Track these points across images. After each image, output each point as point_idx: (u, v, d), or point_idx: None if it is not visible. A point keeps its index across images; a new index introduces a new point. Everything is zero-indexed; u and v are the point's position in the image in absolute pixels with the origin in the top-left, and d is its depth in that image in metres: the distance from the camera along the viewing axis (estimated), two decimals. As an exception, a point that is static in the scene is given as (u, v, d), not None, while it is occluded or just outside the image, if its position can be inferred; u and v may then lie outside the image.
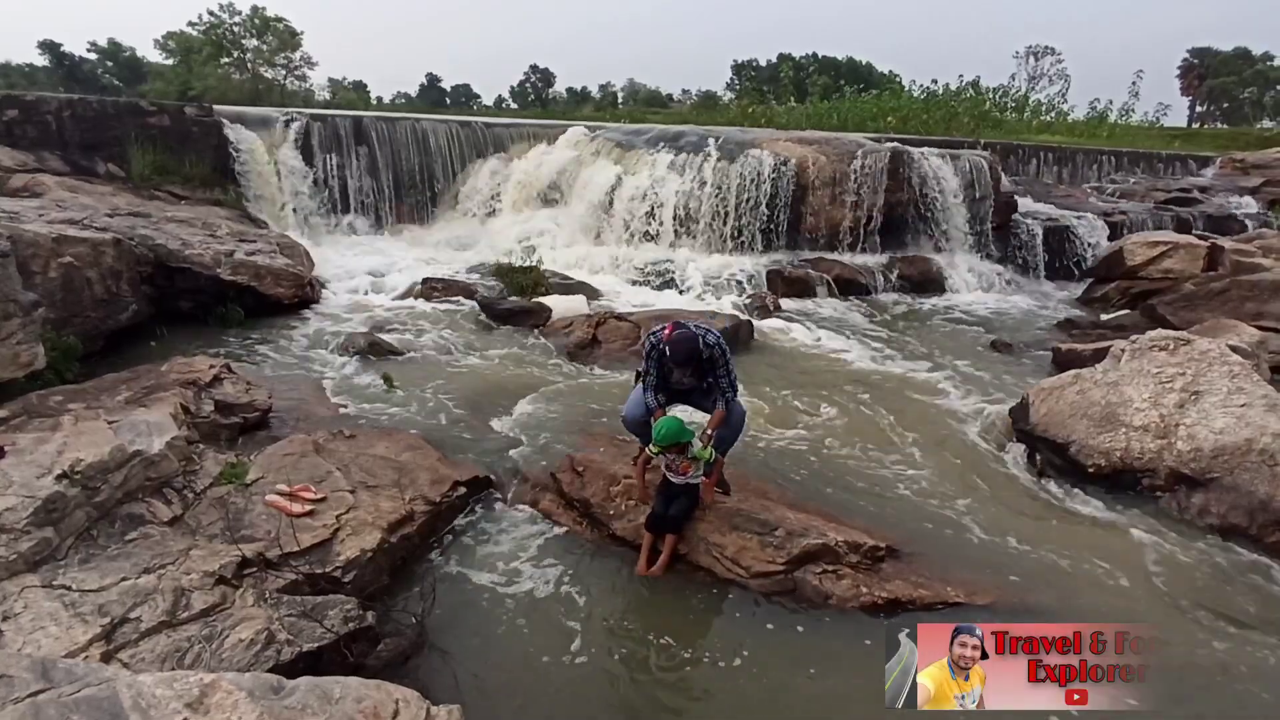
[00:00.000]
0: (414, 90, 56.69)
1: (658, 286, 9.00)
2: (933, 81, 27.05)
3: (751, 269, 9.19)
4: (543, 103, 51.37)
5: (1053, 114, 22.85)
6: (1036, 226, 10.76)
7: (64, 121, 9.17)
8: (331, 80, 46.56)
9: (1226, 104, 44.74)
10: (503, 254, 9.03)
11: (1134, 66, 42.65)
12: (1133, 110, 24.55)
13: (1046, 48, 35.47)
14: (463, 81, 65.96)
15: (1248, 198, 13.42)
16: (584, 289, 8.39)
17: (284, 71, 37.05)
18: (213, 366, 4.33)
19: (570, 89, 55.72)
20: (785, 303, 8.54)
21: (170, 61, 36.63)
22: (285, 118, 10.41)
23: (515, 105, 52.45)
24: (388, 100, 50.38)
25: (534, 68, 56.23)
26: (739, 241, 9.76)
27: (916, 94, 22.26)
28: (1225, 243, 9.08)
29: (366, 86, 48.76)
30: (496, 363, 6.01)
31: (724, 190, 9.80)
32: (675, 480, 3.32)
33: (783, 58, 42.07)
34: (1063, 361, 6.15)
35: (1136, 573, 3.37)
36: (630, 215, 10.03)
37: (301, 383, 5.16)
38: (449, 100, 53.96)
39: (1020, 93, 24.43)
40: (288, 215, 9.93)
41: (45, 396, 3.59)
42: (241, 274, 6.69)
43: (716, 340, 3.36)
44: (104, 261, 5.46)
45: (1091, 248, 10.66)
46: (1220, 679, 2.74)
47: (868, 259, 9.83)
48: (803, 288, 9.02)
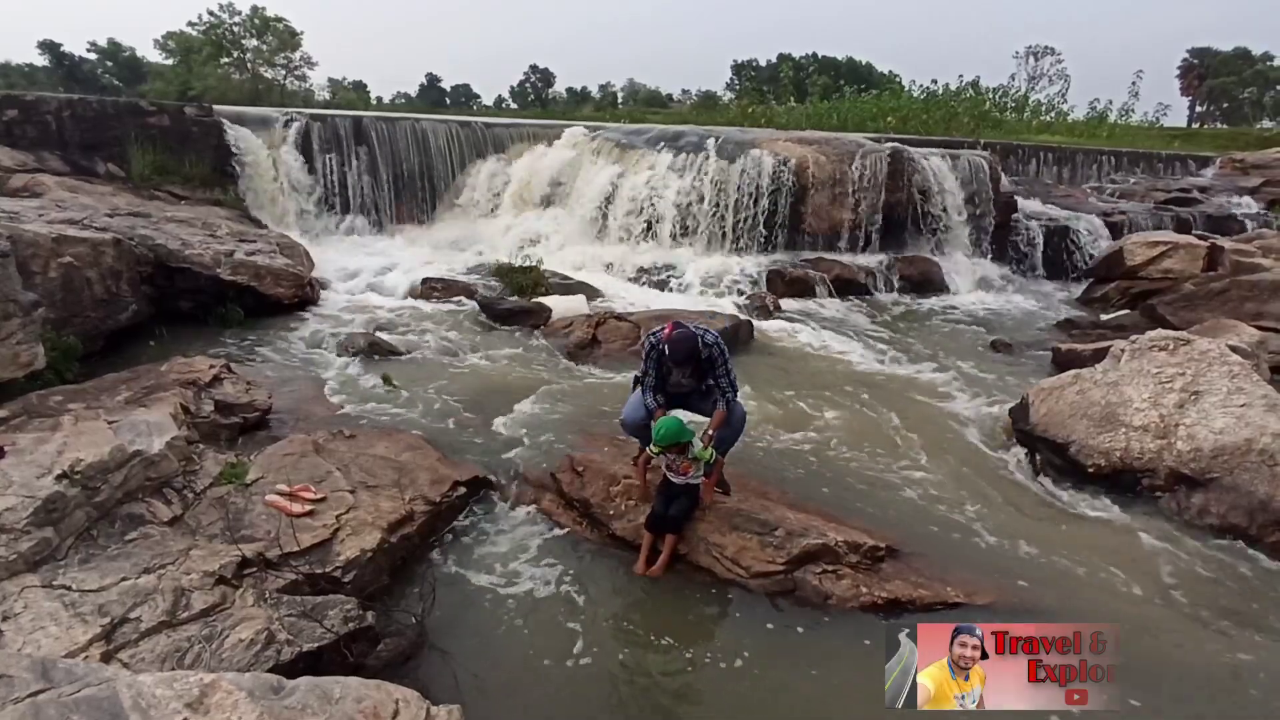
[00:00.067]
0: (414, 90, 56.87)
1: (658, 286, 9.00)
2: (933, 81, 27.11)
3: (751, 269, 9.18)
4: (542, 103, 51.40)
5: (1053, 114, 22.85)
6: (1036, 226, 10.78)
7: (64, 121, 9.17)
8: (331, 80, 46.69)
9: (1226, 104, 44.77)
10: (503, 254, 9.03)
11: (1134, 66, 42.67)
12: (1132, 110, 24.62)
13: (1046, 48, 35.56)
14: (463, 81, 66.18)
15: (1247, 198, 13.43)
16: (584, 289, 8.38)
17: (284, 71, 37.12)
18: (213, 366, 4.33)
19: (570, 89, 55.84)
20: (785, 303, 8.53)
21: (170, 61, 36.71)
22: (285, 118, 10.40)
23: (515, 105, 52.51)
24: (387, 100, 50.49)
25: (534, 68, 56.39)
26: (739, 242, 9.76)
27: (916, 94, 22.30)
28: (1225, 243, 9.08)
29: (366, 86, 48.92)
30: (496, 363, 6.01)
31: (724, 190, 9.79)
32: (675, 480, 3.32)
33: (783, 58, 42.12)
34: (1062, 361, 6.15)
35: (1137, 573, 3.37)
36: (630, 215, 10.03)
37: (301, 383, 5.16)
38: (449, 100, 54.01)
39: (1020, 93, 24.47)
40: (287, 215, 9.92)
41: (45, 396, 3.59)
42: (241, 274, 6.69)
43: (715, 340, 3.37)
44: (104, 261, 5.46)
45: (1091, 248, 10.67)
46: (1220, 679, 2.74)
47: (868, 259, 9.82)
48: (803, 288, 9.01)
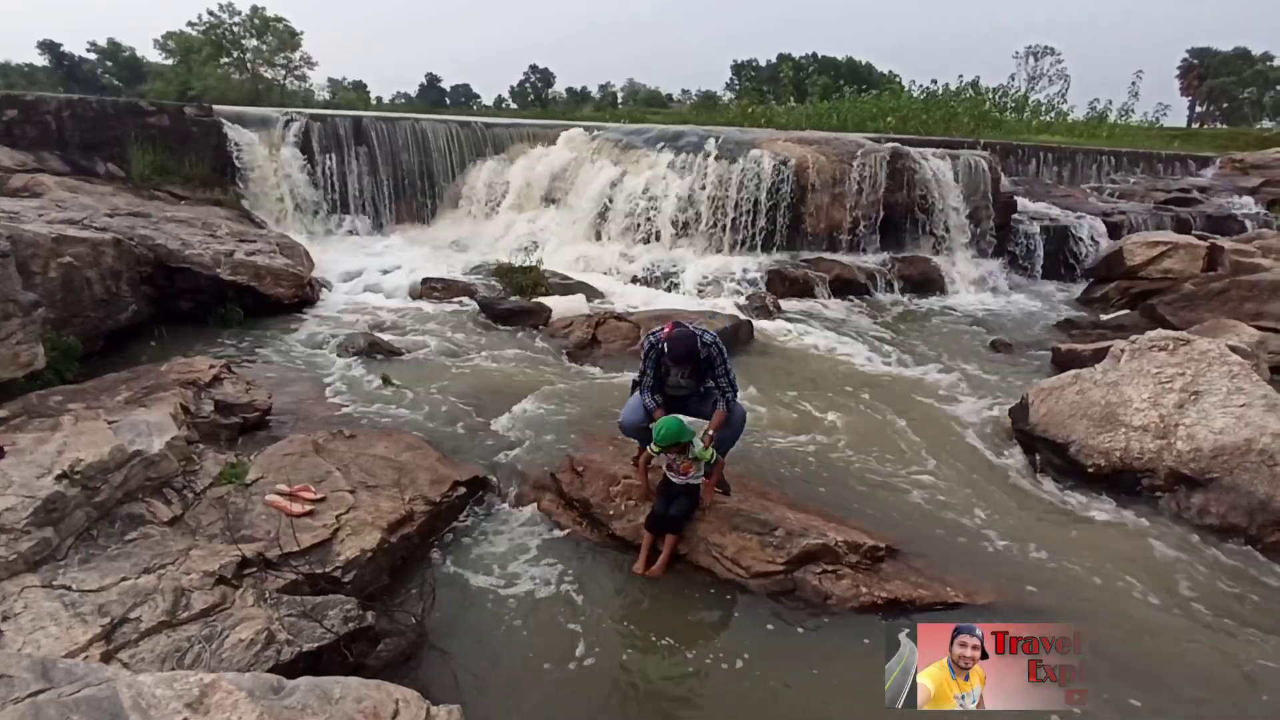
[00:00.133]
0: (414, 90, 56.90)
1: (657, 286, 9.00)
2: (932, 81, 27.07)
3: (751, 269, 9.17)
4: (542, 103, 51.41)
5: (1052, 114, 22.85)
6: (1036, 227, 10.78)
7: (64, 121, 9.17)
8: (331, 80, 46.74)
9: (1226, 104, 44.80)
10: (503, 254, 9.03)
11: (1134, 66, 42.57)
12: (1132, 110, 24.61)
13: (1046, 48, 35.64)
14: (462, 81, 66.21)
15: (1247, 198, 13.44)
16: (584, 289, 8.38)
17: (284, 71, 37.14)
18: (213, 366, 4.33)
19: (570, 89, 55.87)
20: (785, 303, 8.53)
21: (170, 61, 36.75)
22: (285, 118, 10.41)
23: (515, 105, 52.53)
24: (387, 100, 50.51)
25: (534, 68, 56.44)
26: (738, 242, 9.75)
27: (916, 94, 22.28)
28: (1225, 243, 9.08)
29: (366, 86, 48.96)
30: (496, 363, 6.01)
31: (724, 190, 9.79)
32: (676, 480, 3.33)
33: (782, 58, 42.14)
34: (1062, 362, 6.15)
35: (1137, 573, 3.37)
36: (630, 215, 10.03)
37: (301, 383, 5.16)
38: (449, 100, 54.03)
39: (1020, 93, 24.43)
40: (287, 215, 9.93)
41: (45, 396, 3.59)
42: (241, 274, 6.69)
43: (714, 340, 3.41)
44: (104, 261, 5.46)
45: (1091, 248, 10.67)
46: (1220, 678, 2.74)
47: (867, 259, 9.82)
48: (802, 288, 9.01)
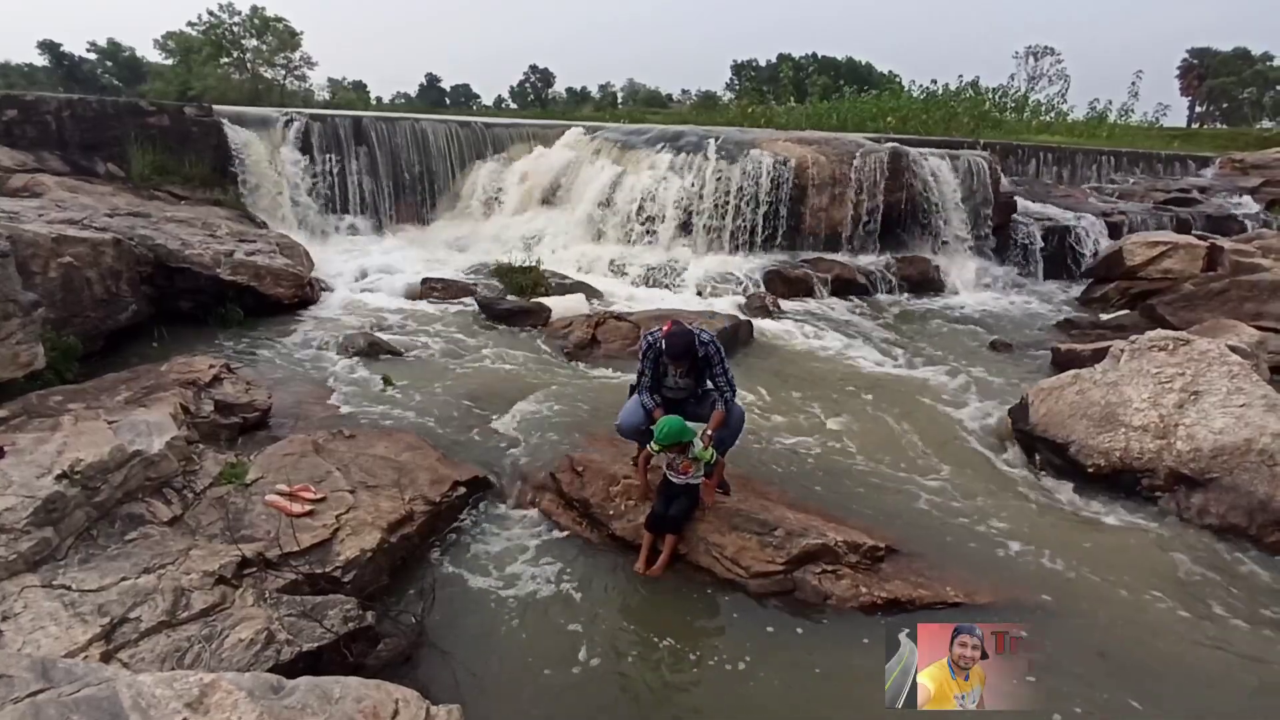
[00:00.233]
0: (414, 90, 56.91)
1: (657, 287, 8.99)
2: (932, 81, 27.06)
3: (751, 269, 9.17)
4: (542, 103, 51.41)
5: (1052, 114, 22.81)
6: (1036, 227, 10.78)
7: (64, 121, 9.16)
8: (331, 80, 46.73)
9: (1226, 104, 44.79)
10: (502, 254, 9.03)
11: (1134, 66, 42.52)
12: (1132, 110, 24.57)
13: (1046, 48, 35.64)
14: (462, 81, 66.23)
15: (1247, 198, 13.45)
16: (583, 289, 8.38)
17: (284, 71, 37.14)
18: (213, 366, 4.33)
19: (570, 89, 55.86)
20: (785, 303, 8.53)
21: (170, 61, 36.75)
22: (285, 118, 10.39)
23: (515, 105, 52.53)
24: (387, 100, 50.50)
25: (534, 68, 56.44)
26: (738, 242, 9.76)
27: (916, 94, 22.26)
28: (1225, 243, 9.08)
29: (366, 86, 48.95)
30: (496, 363, 6.01)
31: (723, 190, 9.79)
32: (675, 480, 3.33)
33: (782, 58, 42.12)
34: (1062, 362, 6.15)
35: (1137, 573, 3.37)
36: (630, 215, 10.03)
37: (301, 383, 5.16)
38: (449, 100, 54.03)
39: (1020, 93, 24.38)
40: (287, 215, 9.91)
41: (45, 396, 3.59)
42: (241, 274, 6.69)
43: (711, 339, 3.45)
44: (104, 261, 5.46)
45: (1091, 248, 10.67)
46: (1220, 678, 2.74)
47: (867, 259, 9.82)
48: (802, 288, 9.02)
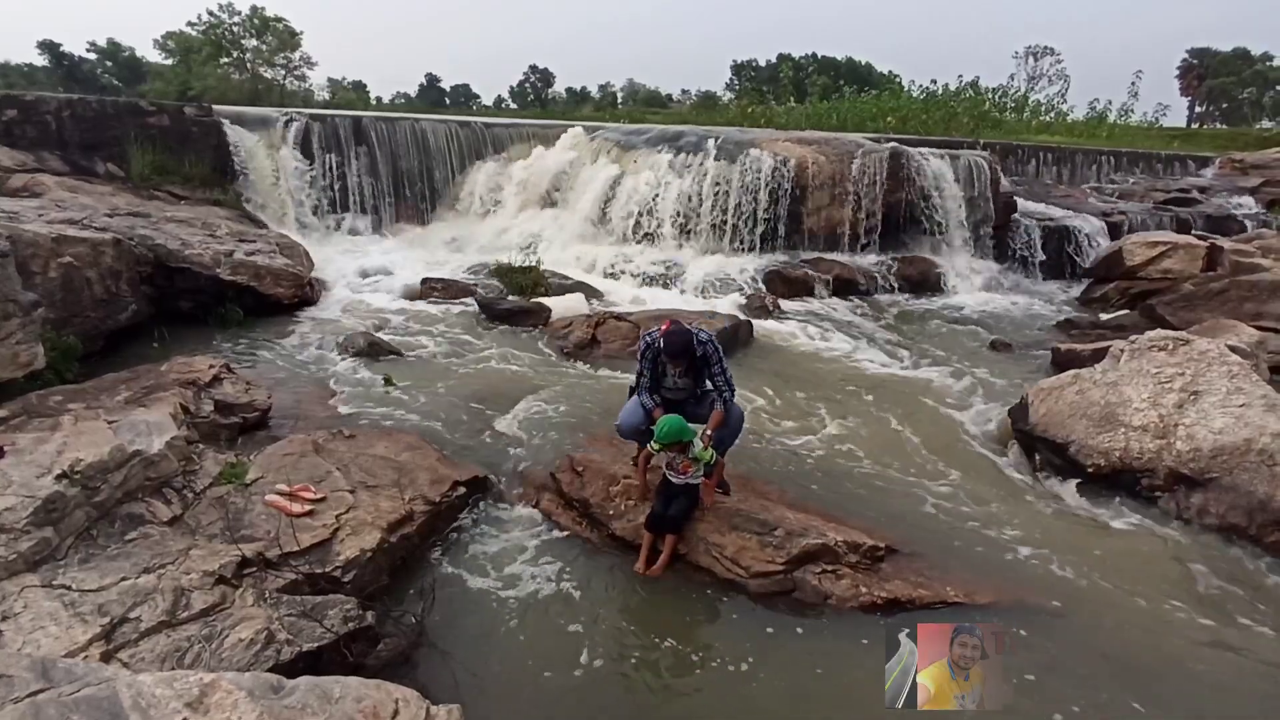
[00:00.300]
0: (413, 90, 56.90)
1: (657, 287, 8.99)
2: (932, 81, 27.03)
3: (751, 269, 9.17)
4: (542, 103, 51.41)
5: (1052, 114, 22.80)
6: (1036, 227, 10.76)
7: (63, 121, 9.16)
8: (331, 80, 46.71)
9: (1226, 104, 44.79)
10: (502, 254, 9.02)
11: (1134, 66, 42.46)
12: (1132, 110, 24.54)
13: (1046, 48, 35.63)
14: (462, 81, 66.25)
15: (1247, 198, 13.45)
16: (583, 289, 8.38)
17: (283, 71, 37.12)
18: (212, 366, 4.33)
19: (570, 89, 55.86)
20: (785, 303, 8.53)
21: (170, 61, 36.72)
22: (285, 118, 10.40)
23: (515, 105, 52.52)
24: (387, 100, 50.47)
25: (533, 68, 56.44)
26: (738, 242, 9.75)
27: (916, 94, 22.25)
28: (1224, 243, 9.09)
29: (366, 86, 48.94)
30: (496, 363, 6.01)
31: (723, 190, 9.79)
32: (675, 480, 3.33)
33: (782, 58, 42.12)
34: (1062, 362, 6.15)
35: (1136, 572, 3.37)
36: (630, 215, 10.03)
37: (301, 383, 5.16)
38: (448, 100, 54.02)
39: (1020, 93, 24.36)
40: (287, 215, 9.92)
41: (45, 396, 3.59)
42: (241, 274, 6.69)
43: (709, 338, 3.46)
44: (104, 261, 5.46)
45: (1091, 248, 10.67)
46: (1220, 678, 2.74)
47: (867, 259, 9.82)
48: (802, 288, 9.02)
